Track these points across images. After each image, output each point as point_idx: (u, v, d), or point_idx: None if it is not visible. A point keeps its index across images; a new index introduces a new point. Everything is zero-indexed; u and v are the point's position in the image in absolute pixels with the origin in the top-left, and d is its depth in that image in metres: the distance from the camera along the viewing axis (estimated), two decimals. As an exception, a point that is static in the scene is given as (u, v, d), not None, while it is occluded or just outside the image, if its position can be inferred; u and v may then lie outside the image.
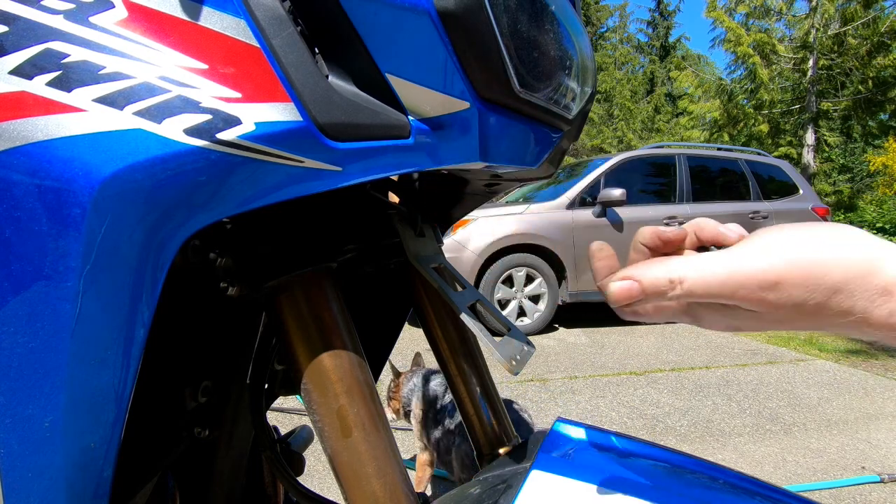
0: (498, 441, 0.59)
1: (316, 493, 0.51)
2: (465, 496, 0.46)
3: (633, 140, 21.28)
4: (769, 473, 2.12)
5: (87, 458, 0.31)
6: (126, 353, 0.31)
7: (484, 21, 0.32)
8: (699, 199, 5.01)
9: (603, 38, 25.68)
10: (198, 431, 0.54)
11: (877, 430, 2.53)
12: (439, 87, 0.33)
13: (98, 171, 0.28)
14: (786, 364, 3.64)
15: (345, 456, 0.39)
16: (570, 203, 4.60)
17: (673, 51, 26.21)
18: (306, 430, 0.75)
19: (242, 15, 0.30)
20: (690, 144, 5.97)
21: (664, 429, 2.53)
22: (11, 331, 0.29)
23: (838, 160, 19.96)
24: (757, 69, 13.07)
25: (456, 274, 0.53)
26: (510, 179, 0.50)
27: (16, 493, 0.30)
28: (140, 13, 0.30)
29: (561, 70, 0.41)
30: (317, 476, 2.00)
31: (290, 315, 0.40)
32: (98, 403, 0.31)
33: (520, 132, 0.39)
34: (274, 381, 0.62)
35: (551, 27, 0.40)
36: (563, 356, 3.78)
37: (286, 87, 0.31)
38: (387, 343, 0.72)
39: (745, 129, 14.29)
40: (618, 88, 22.95)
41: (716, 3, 13.71)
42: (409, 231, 0.51)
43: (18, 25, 0.28)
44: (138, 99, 0.29)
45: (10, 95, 0.28)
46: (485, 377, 0.60)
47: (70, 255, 0.28)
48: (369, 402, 0.41)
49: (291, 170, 0.31)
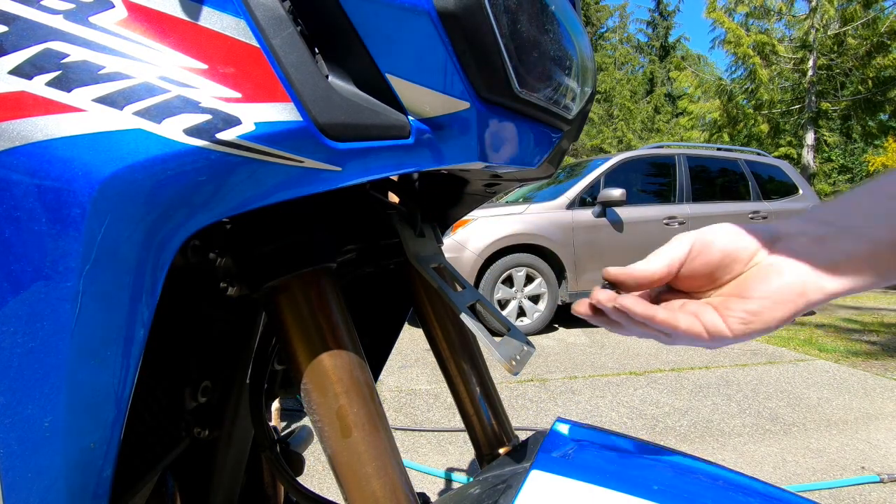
0: (498, 441, 0.59)
1: (316, 493, 0.51)
2: (465, 496, 0.46)
3: (632, 140, 21.29)
4: (769, 473, 2.12)
5: (86, 458, 0.31)
6: (126, 352, 0.31)
7: (484, 21, 0.32)
8: (699, 200, 5.01)
9: (603, 38, 25.68)
10: (198, 431, 0.54)
11: (876, 430, 2.53)
12: (439, 88, 0.33)
13: (98, 171, 0.28)
14: (786, 364, 3.64)
15: (345, 456, 0.39)
16: (570, 203, 4.60)
17: (673, 51, 26.22)
18: (306, 430, 0.75)
19: (242, 15, 0.30)
20: (690, 144, 5.96)
21: (664, 429, 2.53)
22: (11, 331, 0.29)
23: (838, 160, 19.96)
24: (757, 69, 13.07)
25: (456, 274, 0.53)
26: (510, 179, 0.50)
27: (15, 492, 0.30)
28: (140, 13, 0.30)
29: (561, 70, 0.41)
30: (317, 476, 2.00)
31: (290, 315, 0.40)
32: (98, 403, 0.31)
33: (519, 132, 0.39)
34: (274, 381, 0.62)
35: (551, 27, 0.40)
36: (562, 356, 3.78)
37: (286, 87, 0.31)
38: (387, 343, 0.72)
39: (745, 129, 14.29)
40: (618, 88, 22.96)
41: (716, 3, 13.71)
42: (408, 231, 0.51)
43: (18, 25, 0.28)
44: (138, 99, 0.29)
45: (10, 95, 0.28)
46: (485, 377, 0.60)
47: (70, 255, 0.28)
48: (369, 402, 0.41)
49: (291, 170, 0.31)
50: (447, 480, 2.00)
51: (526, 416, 2.67)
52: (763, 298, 0.34)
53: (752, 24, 14.00)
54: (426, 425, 2.51)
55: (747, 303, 0.35)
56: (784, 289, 0.34)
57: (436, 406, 2.77)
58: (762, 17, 13.74)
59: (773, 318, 0.34)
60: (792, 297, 0.34)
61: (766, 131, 13.97)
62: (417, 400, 2.86)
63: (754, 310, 0.35)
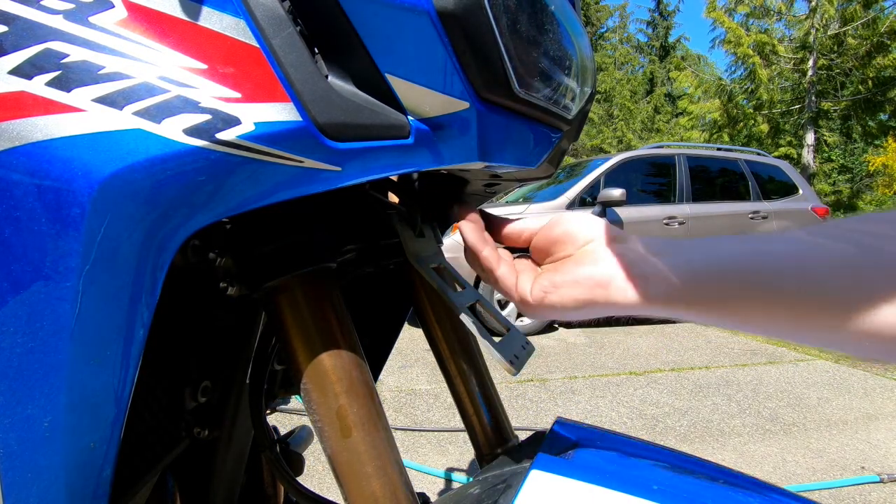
0: (498, 441, 0.59)
1: (316, 493, 0.51)
2: (464, 496, 0.46)
3: (632, 140, 21.28)
4: (769, 473, 2.12)
5: (86, 458, 0.31)
6: (126, 352, 0.31)
7: (484, 21, 0.32)
8: (699, 199, 5.01)
9: (603, 38, 25.67)
10: (198, 431, 0.54)
11: (876, 430, 2.53)
12: (439, 88, 0.33)
13: (98, 171, 0.28)
14: (786, 364, 3.64)
15: (344, 456, 0.39)
16: (570, 203, 4.60)
17: (673, 51, 26.20)
18: (306, 430, 0.75)
19: (242, 15, 0.30)
20: (690, 144, 5.97)
21: (664, 429, 2.53)
22: (11, 331, 0.29)
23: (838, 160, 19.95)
24: (757, 69, 13.07)
25: (456, 274, 0.53)
26: (510, 179, 0.50)
27: (15, 492, 0.30)
28: (140, 13, 0.30)
29: (560, 70, 0.41)
30: (317, 476, 2.00)
31: (290, 315, 0.40)
32: (98, 403, 0.31)
33: (519, 132, 0.39)
34: (274, 381, 0.62)
35: (551, 27, 0.40)
36: (562, 356, 3.78)
37: (286, 87, 0.31)
38: (387, 343, 0.72)
39: (745, 129, 14.29)
40: (618, 88, 22.95)
41: (716, 3, 13.70)
42: (408, 231, 0.51)
43: (18, 25, 0.28)
44: (138, 99, 0.29)
45: (10, 95, 0.28)
46: (484, 377, 0.60)
47: (70, 255, 0.28)
48: (369, 401, 0.41)
49: (291, 170, 0.31)
50: (447, 480, 2.00)
51: (526, 416, 2.67)
52: (568, 275, 0.37)
53: (752, 23, 14.00)
54: (426, 425, 2.51)
55: (555, 275, 0.37)
56: (590, 275, 0.36)
57: (436, 406, 2.77)
58: (762, 16, 13.74)
59: (569, 295, 0.36)
60: (592, 285, 0.35)
61: (766, 131, 13.96)
62: (417, 400, 2.86)
63: (556, 282, 0.37)
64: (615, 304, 0.35)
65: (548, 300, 0.37)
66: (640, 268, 0.35)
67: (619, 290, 0.35)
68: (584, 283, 0.36)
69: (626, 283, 0.35)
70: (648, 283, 0.34)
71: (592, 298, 0.35)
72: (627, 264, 0.35)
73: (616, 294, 0.35)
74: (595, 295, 0.35)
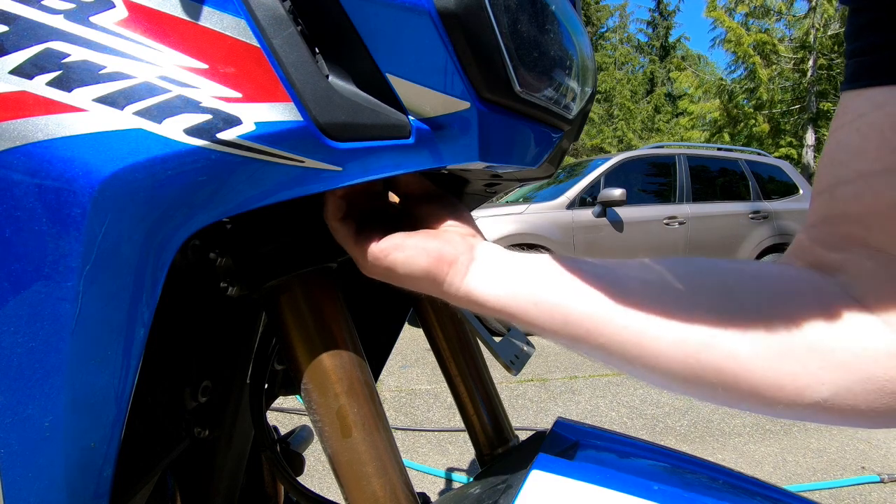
0: (498, 441, 0.59)
1: (316, 493, 0.51)
2: (465, 496, 0.46)
3: (633, 140, 21.28)
4: (769, 473, 2.12)
5: (86, 458, 0.31)
6: (126, 352, 0.31)
7: (484, 21, 0.32)
8: (699, 200, 5.01)
9: (603, 38, 25.67)
10: (198, 431, 0.54)
11: (877, 430, 2.53)
12: (439, 88, 0.33)
13: (98, 171, 0.28)
14: (786, 364, 3.64)
15: (345, 456, 0.39)
16: (570, 203, 4.60)
17: (673, 51, 26.20)
18: (306, 430, 0.75)
19: (242, 15, 0.30)
20: (690, 144, 5.97)
21: (664, 429, 2.53)
22: (11, 331, 0.29)
23: (838, 160, 19.88)
24: (757, 69, 13.07)
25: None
26: (510, 179, 0.50)
27: (16, 492, 0.30)
28: (140, 13, 0.30)
29: (561, 70, 0.41)
30: (317, 476, 2.00)
31: (290, 315, 0.40)
32: (98, 403, 0.31)
33: (520, 132, 0.39)
34: (274, 381, 0.62)
35: (551, 27, 0.39)
36: (563, 356, 3.78)
37: (286, 87, 0.31)
38: (387, 343, 0.72)
39: (746, 129, 14.28)
40: (618, 88, 22.95)
41: (716, 3, 13.70)
42: (409, 231, 0.51)
43: (19, 25, 0.28)
44: (139, 99, 0.29)
45: (11, 95, 0.28)
46: (485, 377, 0.60)
47: (70, 254, 0.28)
48: (369, 402, 0.41)
49: (292, 170, 0.31)
50: (447, 480, 2.01)
51: (526, 416, 2.67)
52: (420, 241, 0.37)
53: (752, 23, 14.00)
54: (426, 425, 2.51)
55: (408, 238, 0.38)
56: (440, 249, 0.37)
57: (436, 406, 2.77)
58: (762, 16, 13.74)
59: (413, 260, 0.36)
60: (438, 257, 0.36)
61: (767, 131, 13.96)
62: (417, 400, 2.86)
63: (407, 244, 0.37)
64: (450, 286, 0.36)
65: (390, 258, 0.37)
66: (488, 264, 0.37)
67: (458, 275, 0.36)
68: (432, 254, 0.36)
69: (466, 269, 0.36)
70: (487, 280, 0.36)
71: (433, 272, 0.36)
72: (476, 257, 0.37)
73: (454, 277, 0.36)
74: (438, 270, 0.36)
